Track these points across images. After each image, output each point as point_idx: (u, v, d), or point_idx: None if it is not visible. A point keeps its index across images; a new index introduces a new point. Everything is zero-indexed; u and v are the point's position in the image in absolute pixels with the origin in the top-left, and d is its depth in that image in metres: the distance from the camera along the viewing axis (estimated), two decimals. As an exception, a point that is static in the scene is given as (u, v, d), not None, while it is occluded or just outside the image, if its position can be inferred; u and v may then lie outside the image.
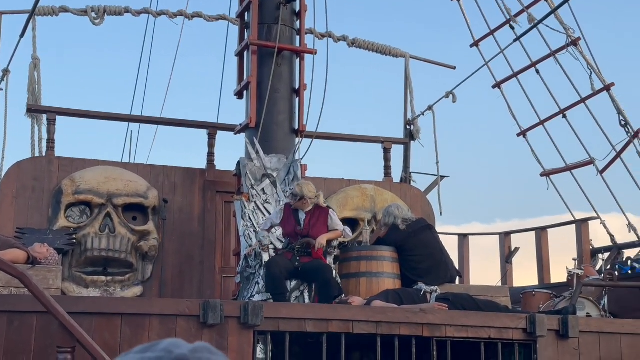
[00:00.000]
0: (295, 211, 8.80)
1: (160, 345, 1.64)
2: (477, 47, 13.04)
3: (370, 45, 13.07)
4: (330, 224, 8.83)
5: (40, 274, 7.74)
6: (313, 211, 8.81)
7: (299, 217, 8.79)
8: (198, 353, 1.63)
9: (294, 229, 8.72)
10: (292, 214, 8.81)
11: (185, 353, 1.62)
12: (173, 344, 1.64)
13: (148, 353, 1.62)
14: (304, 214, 8.80)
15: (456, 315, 7.19)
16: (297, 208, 8.78)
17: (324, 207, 8.96)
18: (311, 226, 8.73)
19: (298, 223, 8.75)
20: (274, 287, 8.28)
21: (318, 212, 8.83)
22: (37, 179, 10.17)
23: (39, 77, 11.15)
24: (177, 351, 1.62)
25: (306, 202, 8.78)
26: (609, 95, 11.47)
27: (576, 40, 11.61)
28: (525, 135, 12.65)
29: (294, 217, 8.78)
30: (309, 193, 8.79)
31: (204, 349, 1.65)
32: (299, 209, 8.78)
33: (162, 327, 6.25)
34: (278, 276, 8.30)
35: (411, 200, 11.65)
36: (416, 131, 12.70)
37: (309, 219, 8.74)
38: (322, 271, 8.50)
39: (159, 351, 1.62)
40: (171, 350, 1.62)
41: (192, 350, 1.63)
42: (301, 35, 10.33)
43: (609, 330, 7.53)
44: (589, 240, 12.07)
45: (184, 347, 1.63)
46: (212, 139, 11.23)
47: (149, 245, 10.22)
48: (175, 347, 1.63)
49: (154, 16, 12.34)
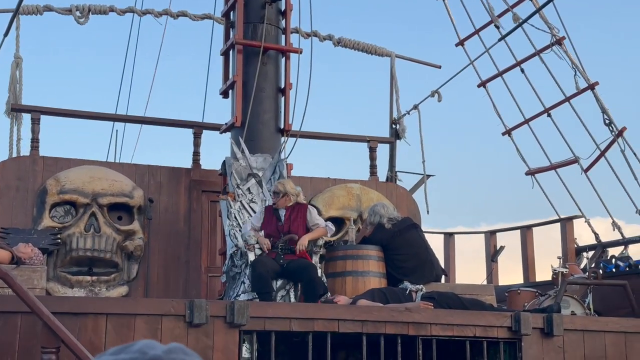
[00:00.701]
0: (276, 211, 8.85)
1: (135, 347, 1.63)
2: (462, 46, 13.07)
3: (356, 44, 13.07)
4: (309, 219, 8.89)
5: (24, 274, 7.70)
6: (293, 207, 8.88)
7: (280, 214, 8.83)
8: (172, 354, 1.63)
9: (276, 227, 8.75)
10: (273, 213, 8.85)
11: (159, 354, 1.61)
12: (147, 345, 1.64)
13: (122, 354, 1.62)
14: (284, 211, 8.85)
15: (441, 314, 7.21)
16: (279, 207, 8.81)
17: (304, 204, 9.06)
18: (291, 221, 8.80)
19: (279, 220, 8.79)
20: (260, 286, 8.28)
21: (298, 208, 8.94)
22: (21, 179, 10.11)
23: (21, 76, 11.08)
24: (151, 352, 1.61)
25: (288, 198, 8.85)
26: (594, 94, 11.52)
27: (561, 40, 11.66)
28: (510, 134, 12.69)
29: (275, 216, 8.82)
30: (291, 189, 8.88)
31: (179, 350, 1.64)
32: (280, 207, 8.81)
33: (147, 327, 6.24)
34: (264, 275, 8.30)
35: (397, 199, 11.67)
36: (402, 130, 12.72)
37: (289, 214, 8.81)
38: (308, 270, 8.52)
39: (133, 352, 1.62)
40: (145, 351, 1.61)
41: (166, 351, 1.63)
42: (287, 35, 10.33)
43: (593, 328, 7.57)
44: (574, 239, 12.12)
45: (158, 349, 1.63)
46: (198, 138, 11.20)
47: (135, 244, 10.18)
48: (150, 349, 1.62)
49: (139, 15, 12.29)
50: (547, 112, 12.12)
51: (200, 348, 6.32)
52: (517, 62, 12.37)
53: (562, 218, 12.21)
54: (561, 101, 11.93)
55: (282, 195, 8.80)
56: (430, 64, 13.48)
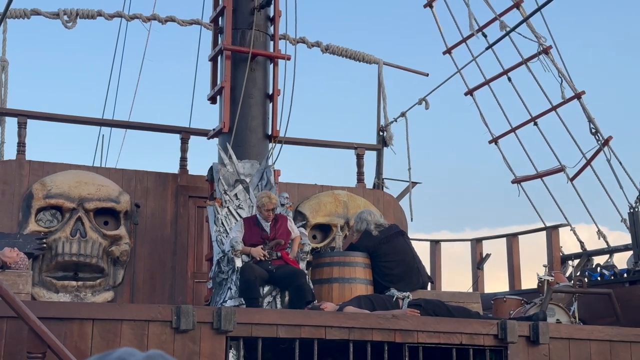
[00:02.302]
0: (257, 221, 8.84)
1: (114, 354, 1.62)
2: (450, 54, 13.13)
3: (344, 51, 13.10)
4: (291, 227, 9.01)
5: (10, 279, 7.68)
6: (274, 216, 8.90)
7: (262, 224, 8.83)
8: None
9: (260, 236, 8.75)
10: (255, 224, 8.86)
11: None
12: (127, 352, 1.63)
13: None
14: (266, 221, 8.85)
15: (428, 321, 7.22)
16: (266, 218, 8.81)
17: (282, 214, 9.14)
18: (277, 229, 8.83)
19: (262, 229, 8.79)
20: (248, 292, 8.27)
21: (279, 217, 8.98)
22: (7, 183, 10.06)
23: (6, 80, 11.05)
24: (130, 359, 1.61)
25: (275, 209, 8.89)
26: (580, 103, 11.59)
27: (547, 49, 11.73)
28: (497, 142, 12.74)
29: (258, 226, 8.82)
30: (277, 202, 8.96)
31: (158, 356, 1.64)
32: (266, 219, 8.82)
33: (133, 333, 6.21)
34: (252, 281, 8.30)
35: (384, 206, 11.69)
36: (389, 137, 12.75)
37: (272, 224, 8.83)
38: (297, 276, 8.54)
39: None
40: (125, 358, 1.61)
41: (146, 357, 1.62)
42: (275, 41, 10.34)
43: (579, 336, 7.60)
44: (559, 247, 12.17)
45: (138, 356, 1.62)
46: (185, 143, 11.18)
47: (121, 250, 10.14)
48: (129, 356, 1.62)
49: (127, 20, 12.27)
50: (534, 120, 12.17)
51: (186, 354, 6.31)
52: (504, 70, 12.43)
53: (548, 226, 12.25)
54: (548, 110, 11.99)
55: (273, 209, 8.84)
56: (417, 72, 13.52)
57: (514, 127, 12.48)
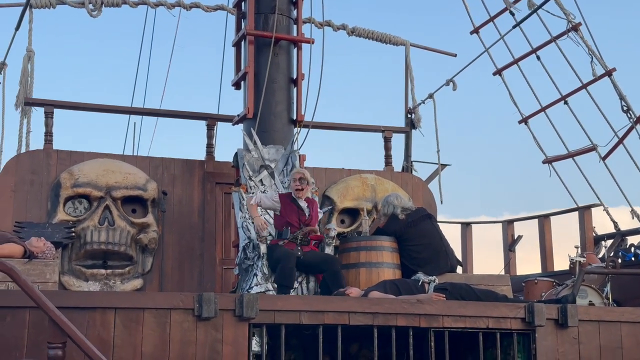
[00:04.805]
0: (294, 200, 8.76)
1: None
2: (477, 34, 12.93)
3: (370, 33, 12.97)
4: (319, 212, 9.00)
5: (37, 268, 7.73)
6: (308, 199, 8.86)
7: (299, 204, 8.75)
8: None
9: (298, 217, 8.68)
10: (292, 202, 8.75)
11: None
12: None
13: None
14: (305, 203, 8.78)
15: (453, 306, 7.13)
16: (300, 197, 8.74)
17: (312, 198, 9.10)
18: (313, 215, 8.78)
19: (300, 210, 8.70)
20: (285, 280, 8.26)
21: (312, 201, 8.94)
22: (35, 173, 10.13)
23: (32, 70, 11.09)
24: None
25: (307, 189, 8.83)
26: (611, 80, 11.36)
27: (577, 26, 11.50)
28: (526, 122, 12.55)
29: (295, 205, 8.73)
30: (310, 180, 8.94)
31: None
32: (299, 197, 8.74)
33: (156, 321, 6.21)
34: (291, 270, 8.31)
35: (412, 190, 11.59)
36: (417, 120, 12.63)
37: (309, 206, 8.76)
38: (332, 263, 8.62)
39: None
40: None
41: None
42: (298, 25, 10.25)
43: (609, 318, 7.46)
44: (592, 228, 11.99)
45: None
46: (211, 130, 11.17)
47: (149, 237, 10.17)
48: None
49: (152, 7, 12.25)
50: (564, 99, 11.97)
51: (209, 342, 6.29)
52: (532, 49, 12.23)
53: (580, 207, 12.07)
54: (578, 88, 11.77)
55: (307, 184, 8.76)
56: (445, 52, 13.36)
57: (543, 106, 12.28)
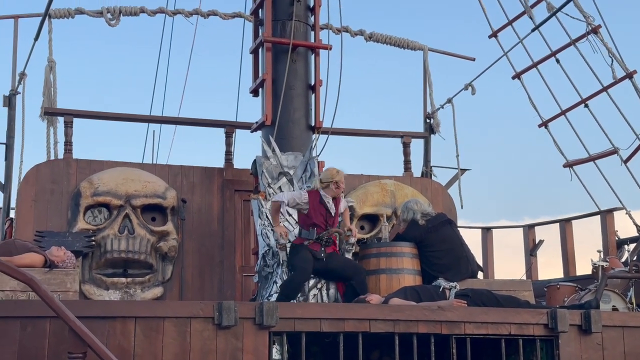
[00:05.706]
0: (322, 199, 8.63)
1: None
2: (496, 37, 12.86)
3: (388, 38, 12.95)
4: (343, 206, 8.89)
5: (57, 278, 7.74)
6: (335, 199, 8.75)
7: (327, 204, 8.62)
8: None
9: (324, 218, 8.60)
10: (320, 202, 8.61)
11: None
12: None
13: None
14: (332, 202, 8.69)
15: (475, 312, 7.07)
16: (331, 195, 8.61)
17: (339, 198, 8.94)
18: (338, 212, 8.76)
19: (328, 210, 8.62)
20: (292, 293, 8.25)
21: (339, 201, 8.80)
22: (55, 182, 10.17)
23: (55, 80, 11.15)
24: None
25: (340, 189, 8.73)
26: (632, 83, 11.27)
27: (596, 28, 11.41)
28: (546, 126, 12.46)
29: (322, 205, 8.60)
30: None
31: None
32: (330, 196, 8.62)
33: (176, 330, 6.20)
34: (300, 285, 8.35)
35: (432, 195, 11.53)
36: (436, 124, 12.59)
37: (337, 207, 8.70)
38: (360, 272, 8.63)
39: None
40: None
41: None
42: (315, 31, 10.23)
43: (633, 324, 7.37)
44: (615, 231, 11.88)
45: None
46: (230, 137, 11.18)
47: (169, 245, 10.18)
48: None
49: (170, 15, 12.32)
50: (584, 102, 11.87)
51: (229, 350, 6.27)
52: (552, 52, 12.14)
53: (602, 210, 11.97)
54: (598, 91, 11.68)
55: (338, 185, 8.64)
56: (463, 57, 13.30)
57: (564, 109, 12.19)
